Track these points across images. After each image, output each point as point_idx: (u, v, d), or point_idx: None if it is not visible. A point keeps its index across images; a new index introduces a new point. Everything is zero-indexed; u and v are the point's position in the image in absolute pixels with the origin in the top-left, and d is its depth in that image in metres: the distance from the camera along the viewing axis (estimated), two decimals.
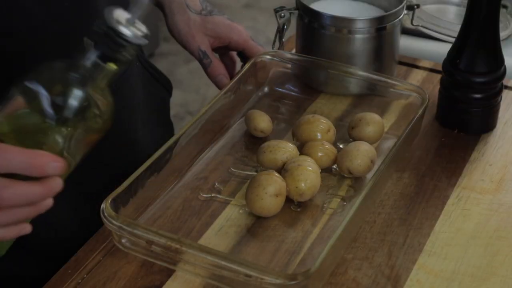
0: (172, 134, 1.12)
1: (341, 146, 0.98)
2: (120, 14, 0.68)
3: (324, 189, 0.91)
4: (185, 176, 0.93)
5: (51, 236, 0.90)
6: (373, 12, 1.10)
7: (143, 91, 1.01)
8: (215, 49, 1.08)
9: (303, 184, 0.87)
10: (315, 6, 1.07)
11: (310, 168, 0.88)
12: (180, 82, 2.65)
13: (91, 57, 0.67)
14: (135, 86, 0.99)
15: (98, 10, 0.85)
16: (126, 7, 0.69)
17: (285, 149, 0.92)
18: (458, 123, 1.02)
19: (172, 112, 1.14)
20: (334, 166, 0.94)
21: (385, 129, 0.99)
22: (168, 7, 1.06)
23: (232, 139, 0.99)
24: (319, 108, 1.05)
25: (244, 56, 1.09)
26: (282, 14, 1.07)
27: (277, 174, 0.87)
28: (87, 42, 0.68)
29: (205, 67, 1.06)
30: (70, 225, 0.91)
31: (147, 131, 1.01)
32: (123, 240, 0.82)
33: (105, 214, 0.80)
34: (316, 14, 1.05)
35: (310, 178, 0.87)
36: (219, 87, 1.06)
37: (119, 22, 0.67)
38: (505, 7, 1.28)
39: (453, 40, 1.02)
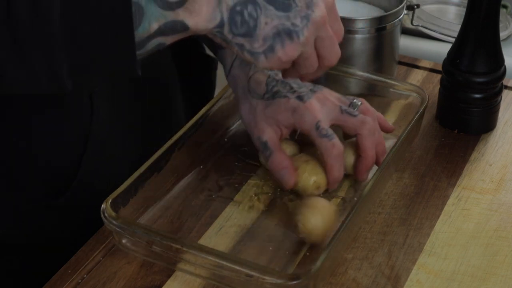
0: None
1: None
2: None
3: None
4: (185, 176, 0.93)
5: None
6: (373, 12, 1.10)
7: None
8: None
9: (316, 178, 0.87)
10: None
11: (318, 163, 0.88)
12: None
13: None
14: None
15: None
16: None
17: (286, 144, 0.92)
18: (458, 123, 1.02)
19: None
20: None
21: None
22: (235, 94, 0.94)
23: (232, 139, 0.99)
24: None
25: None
26: None
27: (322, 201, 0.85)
28: None
29: (265, 160, 0.90)
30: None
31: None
32: (123, 241, 0.82)
33: (105, 214, 0.80)
34: None
35: (321, 172, 0.87)
36: (283, 183, 0.88)
37: None
38: (505, 7, 1.28)
39: (453, 40, 1.02)
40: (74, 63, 0.69)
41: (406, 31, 1.22)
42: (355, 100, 0.90)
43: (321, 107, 0.87)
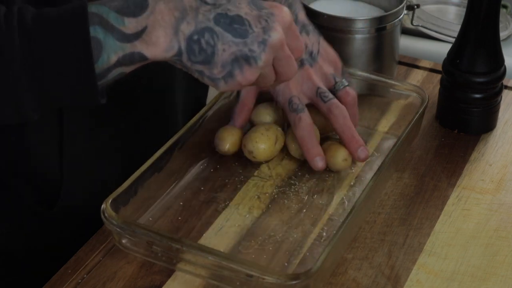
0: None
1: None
2: None
3: (324, 188, 0.91)
4: (185, 176, 0.93)
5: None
6: (373, 12, 1.10)
7: None
8: None
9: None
10: (314, 6, 1.07)
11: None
12: None
13: None
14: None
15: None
16: None
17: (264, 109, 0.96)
18: (458, 123, 1.02)
19: None
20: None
21: (385, 129, 1.00)
22: None
23: None
24: None
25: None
26: None
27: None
28: None
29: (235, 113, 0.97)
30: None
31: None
32: (123, 241, 0.82)
33: (105, 214, 0.80)
34: (316, 14, 1.05)
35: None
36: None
37: None
38: (505, 7, 1.28)
39: (453, 40, 1.02)
40: (39, 100, 0.71)
41: (406, 31, 1.22)
42: (342, 81, 0.94)
43: (300, 83, 0.93)
